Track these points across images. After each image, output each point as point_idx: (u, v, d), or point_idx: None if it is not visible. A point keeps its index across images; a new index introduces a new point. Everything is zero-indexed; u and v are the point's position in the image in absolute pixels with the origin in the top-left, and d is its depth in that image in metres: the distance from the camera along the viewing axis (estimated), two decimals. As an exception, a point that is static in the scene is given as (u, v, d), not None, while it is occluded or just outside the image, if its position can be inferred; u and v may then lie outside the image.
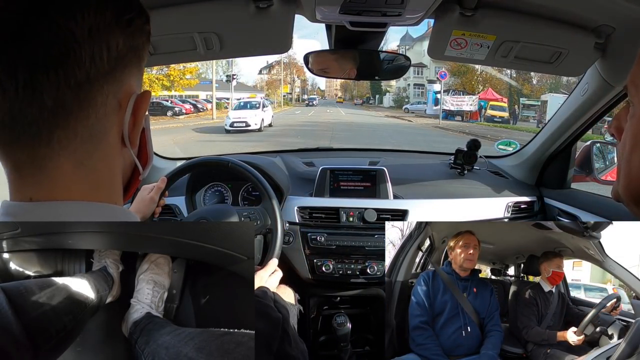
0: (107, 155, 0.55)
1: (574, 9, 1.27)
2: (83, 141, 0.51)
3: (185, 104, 29.48)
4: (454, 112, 29.14)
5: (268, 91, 50.96)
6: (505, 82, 33.45)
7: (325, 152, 2.83)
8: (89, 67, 0.49)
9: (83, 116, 0.50)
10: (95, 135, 0.52)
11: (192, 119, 27.26)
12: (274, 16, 1.33)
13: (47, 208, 0.51)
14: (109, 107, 0.52)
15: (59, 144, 0.50)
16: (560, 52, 1.41)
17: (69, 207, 0.52)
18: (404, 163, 2.40)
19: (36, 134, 0.49)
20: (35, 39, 0.46)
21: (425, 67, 40.78)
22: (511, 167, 2.29)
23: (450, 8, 1.31)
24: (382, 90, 49.96)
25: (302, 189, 2.01)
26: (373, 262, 1.82)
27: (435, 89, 33.62)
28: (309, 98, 53.92)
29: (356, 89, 58.92)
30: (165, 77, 25.06)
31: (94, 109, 0.51)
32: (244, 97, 42.28)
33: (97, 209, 0.54)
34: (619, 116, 0.67)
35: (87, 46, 0.48)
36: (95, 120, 0.51)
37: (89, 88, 0.49)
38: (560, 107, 1.89)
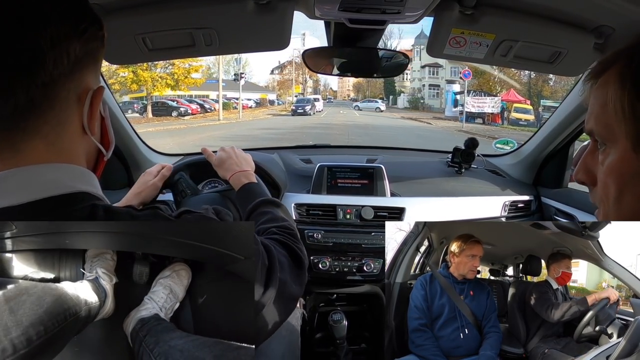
0: (72, 141, 0.66)
1: (573, 9, 1.27)
2: (52, 127, 0.63)
3: (192, 104, 28.40)
4: (474, 114, 27.21)
5: (280, 91, 49.34)
6: (525, 83, 32.02)
7: (323, 149, 2.82)
8: (52, 70, 0.60)
9: (50, 109, 0.62)
10: (61, 123, 0.64)
11: (198, 119, 26.33)
12: (273, 12, 1.32)
13: (18, 172, 0.61)
14: (70, 101, 0.64)
15: (33, 130, 0.62)
16: (559, 52, 1.41)
17: (38, 168, 0.62)
18: (402, 161, 2.40)
19: (13, 124, 0.60)
20: (8, 49, 0.58)
21: (440, 67, 39.29)
22: (509, 166, 2.30)
23: (450, 6, 1.31)
24: (396, 91, 47.60)
25: (300, 186, 2.00)
26: (370, 260, 1.82)
27: (454, 89, 32.43)
28: (297, 102, 36.21)
29: (369, 90, 56.08)
30: (169, 76, 24.27)
31: (58, 103, 0.62)
32: (255, 97, 40.73)
33: (59, 168, 0.64)
34: (586, 162, 0.67)
35: (50, 53, 0.59)
36: (60, 111, 0.63)
37: (53, 87, 0.61)
38: (559, 107, 1.89)
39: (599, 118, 0.62)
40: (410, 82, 44.46)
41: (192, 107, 27.82)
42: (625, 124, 0.58)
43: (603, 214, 0.65)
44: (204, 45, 1.43)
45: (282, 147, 2.60)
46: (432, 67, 39.63)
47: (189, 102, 28.60)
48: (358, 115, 32.83)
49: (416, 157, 2.67)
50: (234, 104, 33.25)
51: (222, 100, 28.89)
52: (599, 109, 0.62)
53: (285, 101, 43.86)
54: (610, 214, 0.62)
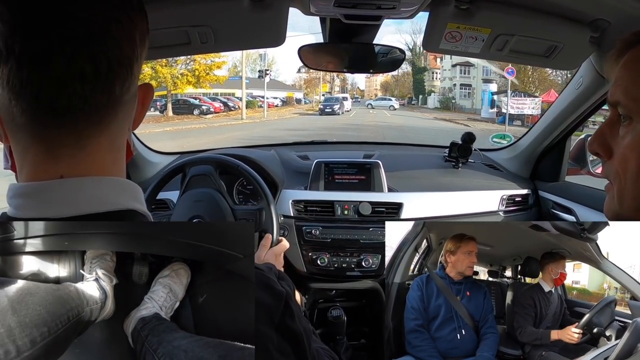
0: (124, 137, 0.64)
1: (569, 3, 1.26)
2: (118, 122, 0.60)
3: (215, 102, 27.47)
4: (513, 116, 24.52)
5: (306, 90, 48.57)
6: (559, 83, 29.33)
7: (320, 145, 2.82)
8: (135, 66, 0.59)
9: (123, 101, 0.59)
10: (123, 117, 0.61)
11: (221, 118, 25.39)
12: (268, 10, 1.32)
13: (77, 183, 0.57)
14: (132, 94, 0.61)
15: (105, 125, 0.58)
16: (555, 46, 1.41)
17: (102, 182, 0.59)
18: (399, 156, 2.40)
19: (88, 116, 0.56)
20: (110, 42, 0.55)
21: (472, 66, 37.57)
22: (506, 160, 2.30)
23: (445, 1, 1.31)
24: (426, 90, 45.92)
25: (297, 183, 2.00)
26: (368, 255, 1.83)
27: (491, 89, 30.49)
28: (325, 101, 35.31)
29: (398, 89, 54.32)
30: (190, 73, 23.50)
31: (127, 95, 0.60)
32: (281, 95, 40.26)
33: (124, 185, 0.62)
34: (604, 133, 0.64)
35: (137, 49, 0.59)
36: (127, 104, 0.61)
37: (135, 82, 0.60)
38: (555, 101, 1.89)
39: (628, 90, 0.60)
40: (440, 82, 43.37)
41: (215, 105, 26.94)
42: None
43: (618, 189, 0.63)
44: (200, 43, 1.43)
45: (279, 143, 2.59)
46: (463, 66, 38.38)
47: (212, 100, 27.76)
48: (389, 116, 31.25)
49: (413, 151, 2.67)
50: (259, 102, 32.48)
51: (245, 98, 27.94)
52: (631, 80, 0.60)
53: (312, 100, 43.38)
54: (627, 190, 0.61)
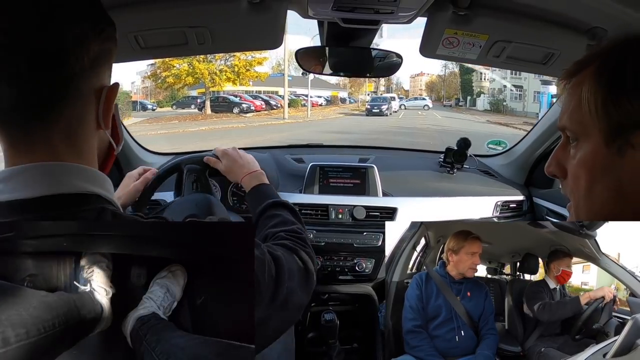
0: (86, 135, 0.70)
1: (567, 11, 1.27)
2: (69, 122, 0.66)
3: (257, 100, 26.16)
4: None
5: (351, 89, 46.81)
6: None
7: (315, 148, 2.82)
8: (74, 66, 0.64)
9: (69, 104, 0.65)
10: (77, 117, 0.67)
11: (262, 117, 23.89)
12: (266, 12, 1.32)
13: (33, 167, 0.64)
14: (88, 97, 0.68)
15: (52, 123, 0.65)
16: (552, 53, 1.42)
17: (53, 166, 0.65)
18: (394, 161, 2.40)
19: (33, 116, 0.64)
20: (35, 45, 0.61)
21: None
22: (501, 167, 2.31)
23: (443, 7, 1.31)
24: (474, 92, 44.10)
25: (292, 186, 2.00)
26: (362, 259, 1.83)
27: (550, 91, 28.01)
28: (372, 100, 33.49)
29: (444, 90, 52.81)
30: (229, 69, 22.46)
31: (78, 98, 0.66)
32: (326, 94, 39.12)
33: (74, 168, 0.67)
34: (557, 155, 0.71)
35: (73, 50, 0.63)
36: (78, 106, 0.67)
37: (74, 82, 0.65)
38: (550, 108, 1.91)
39: (572, 115, 0.66)
40: (489, 83, 42.06)
41: (256, 103, 25.77)
42: (598, 120, 0.62)
43: (574, 205, 0.70)
44: (197, 44, 1.43)
45: (274, 146, 2.59)
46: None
47: (254, 98, 26.62)
48: (440, 118, 29.61)
49: (408, 156, 2.68)
50: (302, 100, 31.67)
51: (287, 96, 26.69)
52: (573, 106, 0.66)
53: (357, 99, 42.33)
54: (581, 204, 0.68)
